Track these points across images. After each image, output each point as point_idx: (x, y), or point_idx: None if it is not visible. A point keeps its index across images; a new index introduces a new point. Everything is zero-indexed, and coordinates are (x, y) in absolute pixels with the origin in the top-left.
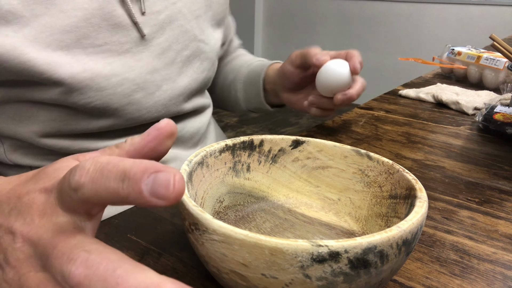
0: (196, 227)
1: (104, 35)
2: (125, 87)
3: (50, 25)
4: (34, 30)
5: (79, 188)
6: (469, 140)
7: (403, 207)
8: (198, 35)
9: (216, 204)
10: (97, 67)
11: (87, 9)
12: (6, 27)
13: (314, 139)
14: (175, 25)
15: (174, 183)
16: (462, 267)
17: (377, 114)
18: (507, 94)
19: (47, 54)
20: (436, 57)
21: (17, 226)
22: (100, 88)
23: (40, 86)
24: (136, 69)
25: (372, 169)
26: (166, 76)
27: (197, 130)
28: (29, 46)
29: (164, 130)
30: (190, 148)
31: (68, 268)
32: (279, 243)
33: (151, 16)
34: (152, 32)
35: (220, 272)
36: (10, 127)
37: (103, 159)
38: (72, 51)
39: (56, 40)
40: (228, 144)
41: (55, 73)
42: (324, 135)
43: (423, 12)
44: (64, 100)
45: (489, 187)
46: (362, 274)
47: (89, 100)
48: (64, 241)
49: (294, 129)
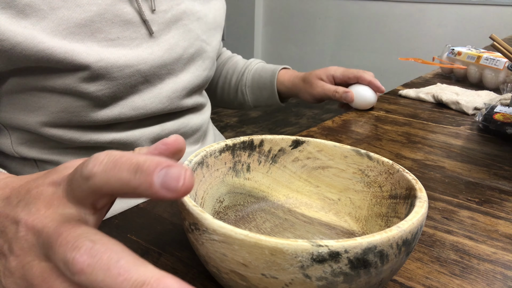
0: (196, 227)
1: (117, 30)
2: (134, 78)
3: (67, 18)
4: (52, 23)
5: (91, 177)
6: (469, 140)
7: (403, 207)
8: (201, 35)
9: (216, 204)
10: (113, 57)
11: (101, 4)
12: (24, 20)
13: (314, 139)
14: (180, 24)
15: (185, 177)
16: (462, 267)
17: (377, 114)
18: (507, 94)
19: (64, 44)
20: (436, 57)
21: (22, 216)
22: (113, 78)
23: (55, 73)
24: (148, 62)
25: (372, 169)
26: (170, 71)
27: (199, 127)
28: (46, 37)
29: (172, 146)
30: (192, 144)
31: (72, 255)
32: (279, 243)
33: (159, 15)
34: (160, 29)
35: (220, 272)
36: (20, 117)
37: (117, 153)
38: (87, 43)
39: (72, 33)
40: (228, 144)
41: (73, 61)
42: (324, 135)
43: (423, 12)
44: (75, 87)
45: (489, 187)
46: (362, 274)
47: (100, 87)
48: (69, 230)
49: (294, 129)
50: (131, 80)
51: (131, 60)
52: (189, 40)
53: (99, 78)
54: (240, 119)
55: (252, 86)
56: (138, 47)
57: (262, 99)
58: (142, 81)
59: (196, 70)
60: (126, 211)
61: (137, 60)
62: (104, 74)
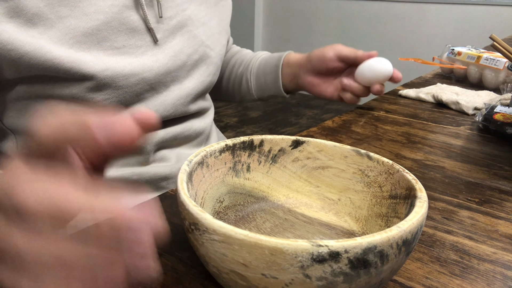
0: (196, 227)
1: (122, 38)
2: (140, 86)
3: (74, 27)
4: (59, 32)
5: None
6: (469, 140)
7: (403, 207)
8: (205, 40)
9: (216, 204)
10: (118, 66)
11: (108, 13)
12: (32, 29)
13: (314, 139)
14: (184, 30)
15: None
16: (462, 267)
17: (377, 114)
18: (507, 94)
19: (71, 53)
20: (436, 57)
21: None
22: (119, 86)
23: (62, 82)
24: (153, 70)
25: (372, 169)
26: (175, 78)
27: (202, 130)
28: (54, 46)
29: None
30: (195, 147)
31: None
32: (279, 243)
33: (164, 22)
34: (165, 36)
35: (220, 272)
36: (27, 123)
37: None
38: (93, 52)
39: (78, 42)
40: (228, 144)
41: (80, 70)
42: (324, 135)
43: (423, 12)
44: (82, 96)
45: (489, 187)
46: (362, 274)
47: (106, 96)
48: None
49: (294, 129)
50: (137, 89)
51: (136, 68)
52: (194, 47)
53: (105, 87)
54: (240, 119)
55: (257, 73)
56: (143, 55)
57: (266, 87)
58: (148, 89)
59: (200, 76)
60: None
61: (142, 68)
62: (110, 83)
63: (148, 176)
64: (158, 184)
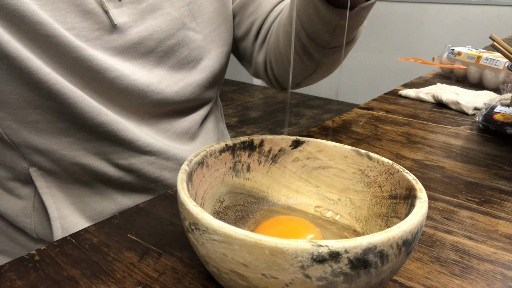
0: (196, 227)
1: (73, 20)
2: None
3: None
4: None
5: None
6: (469, 140)
7: (403, 207)
8: (188, 22)
9: (216, 204)
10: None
11: None
12: None
13: (314, 139)
14: (159, 13)
15: None
16: (462, 267)
17: (377, 114)
18: (507, 94)
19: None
20: (436, 57)
21: None
22: None
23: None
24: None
25: (372, 169)
26: (140, 66)
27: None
28: None
29: None
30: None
31: None
32: (279, 243)
33: (129, 6)
34: (130, 21)
35: (220, 272)
36: None
37: None
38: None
39: (16, 25)
40: (228, 144)
41: (16, 50)
42: (324, 135)
43: (423, 12)
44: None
45: (489, 187)
46: (362, 274)
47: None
48: None
49: (294, 129)
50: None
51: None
52: (169, 31)
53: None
54: (240, 119)
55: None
56: (96, 39)
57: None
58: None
59: (177, 63)
60: (126, 211)
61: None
62: None
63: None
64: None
